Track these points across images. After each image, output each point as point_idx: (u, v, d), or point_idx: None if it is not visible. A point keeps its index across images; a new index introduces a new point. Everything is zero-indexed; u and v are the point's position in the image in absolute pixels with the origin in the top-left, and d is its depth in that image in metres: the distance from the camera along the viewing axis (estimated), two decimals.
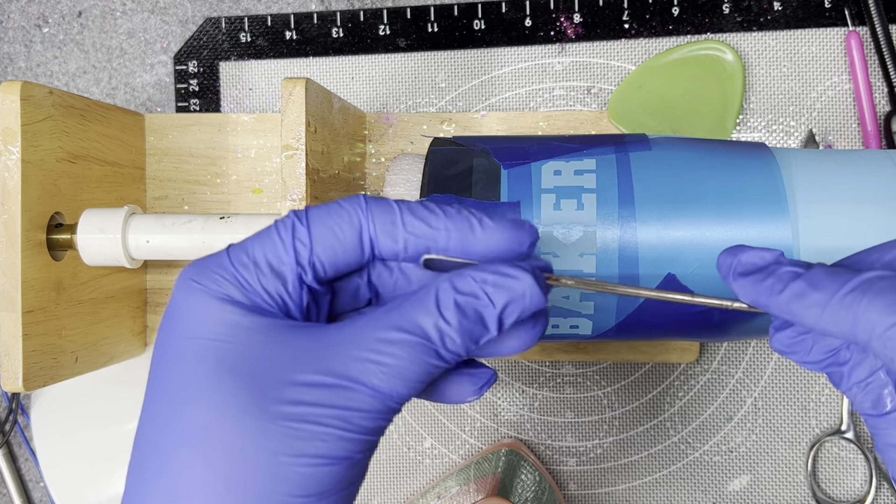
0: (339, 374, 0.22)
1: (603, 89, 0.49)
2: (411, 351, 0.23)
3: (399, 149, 0.49)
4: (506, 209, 0.35)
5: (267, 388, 0.22)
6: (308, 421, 0.22)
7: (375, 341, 0.23)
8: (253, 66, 0.52)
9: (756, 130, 0.48)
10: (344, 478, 0.23)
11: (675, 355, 0.48)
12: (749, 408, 0.48)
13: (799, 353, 0.25)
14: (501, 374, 0.50)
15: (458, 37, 0.50)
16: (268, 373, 0.22)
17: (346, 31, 0.51)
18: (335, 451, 0.22)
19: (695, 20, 0.49)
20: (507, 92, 0.50)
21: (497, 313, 0.24)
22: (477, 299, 0.24)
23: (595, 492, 0.49)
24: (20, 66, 0.54)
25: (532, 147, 0.36)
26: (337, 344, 0.23)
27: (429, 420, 0.50)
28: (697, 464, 0.49)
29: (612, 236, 0.34)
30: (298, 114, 0.37)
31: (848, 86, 0.48)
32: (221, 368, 0.23)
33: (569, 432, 0.49)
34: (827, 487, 0.48)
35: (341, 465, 0.23)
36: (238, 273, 0.24)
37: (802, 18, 0.48)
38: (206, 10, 0.53)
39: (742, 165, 0.35)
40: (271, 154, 0.50)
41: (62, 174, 0.42)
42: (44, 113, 0.40)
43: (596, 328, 0.36)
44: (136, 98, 0.53)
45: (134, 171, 0.49)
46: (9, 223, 0.38)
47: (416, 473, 0.50)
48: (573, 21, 0.50)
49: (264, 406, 0.22)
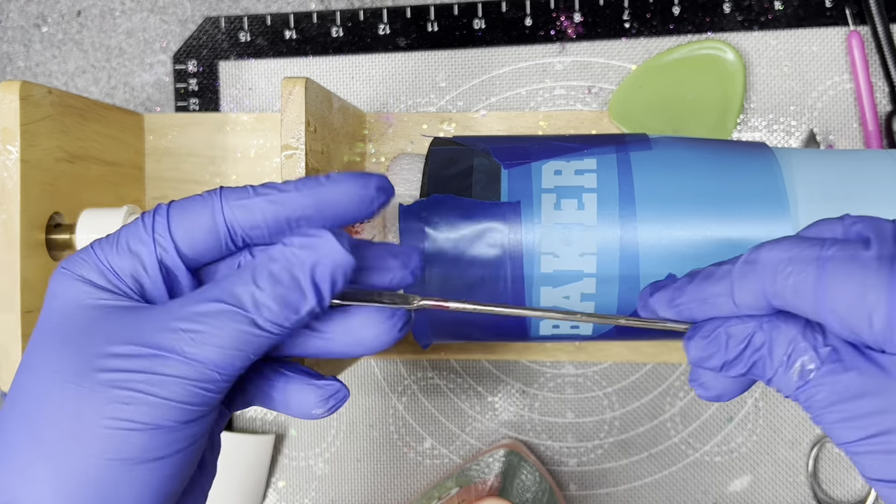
0: (152, 343, 0.24)
1: (603, 89, 0.49)
2: (224, 318, 0.24)
3: (399, 148, 0.49)
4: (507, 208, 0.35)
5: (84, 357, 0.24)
6: (115, 386, 0.23)
7: (191, 313, 0.24)
8: (252, 66, 0.52)
9: (757, 130, 0.48)
10: (159, 446, 0.24)
11: (675, 355, 0.48)
12: (750, 408, 0.48)
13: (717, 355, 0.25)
14: (502, 375, 0.50)
15: (458, 36, 0.50)
16: (89, 346, 0.24)
17: (346, 31, 0.51)
18: (141, 416, 0.23)
19: (696, 19, 0.49)
20: (507, 91, 0.50)
21: (308, 274, 0.24)
22: (288, 264, 0.25)
23: (595, 492, 0.49)
24: (19, 66, 0.54)
25: (532, 147, 0.36)
26: (158, 318, 0.24)
27: (429, 420, 0.50)
28: (698, 464, 0.49)
29: (612, 236, 0.34)
30: (298, 113, 0.37)
31: (849, 85, 0.48)
32: (52, 340, 0.25)
33: (569, 433, 0.49)
34: (828, 488, 0.48)
35: (156, 431, 0.24)
36: (98, 257, 0.26)
37: (803, 18, 0.48)
38: (205, 10, 0.52)
39: (743, 165, 0.35)
40: (271, 154, 0.50)
41: (61, 174, 0.42)
42: (43, 112, 0.40)
43: (596, 328, 0.36)
44: (136, 98, 0.53)
45: (133, 170, 0.49)
46: (8, 223, 0.38)
47: (416, 474, 0.50)
48: (573, 20, 0.49)
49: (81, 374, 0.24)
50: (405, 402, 0.50)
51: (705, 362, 0.26)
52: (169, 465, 0.24)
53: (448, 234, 0.34)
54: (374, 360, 0.51)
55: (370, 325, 0.27)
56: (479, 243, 0.34)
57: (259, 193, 0.26)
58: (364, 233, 0.38)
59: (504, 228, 0.34)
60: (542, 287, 0.34)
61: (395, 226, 0.35)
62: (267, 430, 0.51)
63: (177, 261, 0.26)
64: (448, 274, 0.34)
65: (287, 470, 0.51)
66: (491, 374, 0.50)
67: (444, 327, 0.37)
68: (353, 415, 0.51)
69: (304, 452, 0.51)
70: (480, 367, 0.50)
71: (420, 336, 0.37)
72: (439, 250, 0.34)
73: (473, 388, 0.50)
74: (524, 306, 0.30)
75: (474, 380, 0.50)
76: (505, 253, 0.34)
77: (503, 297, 0.35)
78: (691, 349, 0.26)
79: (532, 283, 0.34)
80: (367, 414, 0.51)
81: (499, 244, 0.34)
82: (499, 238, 0.34)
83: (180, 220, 0.26)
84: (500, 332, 0.37)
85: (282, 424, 0.51)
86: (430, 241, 0.34)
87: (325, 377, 0.28)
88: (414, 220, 0.34)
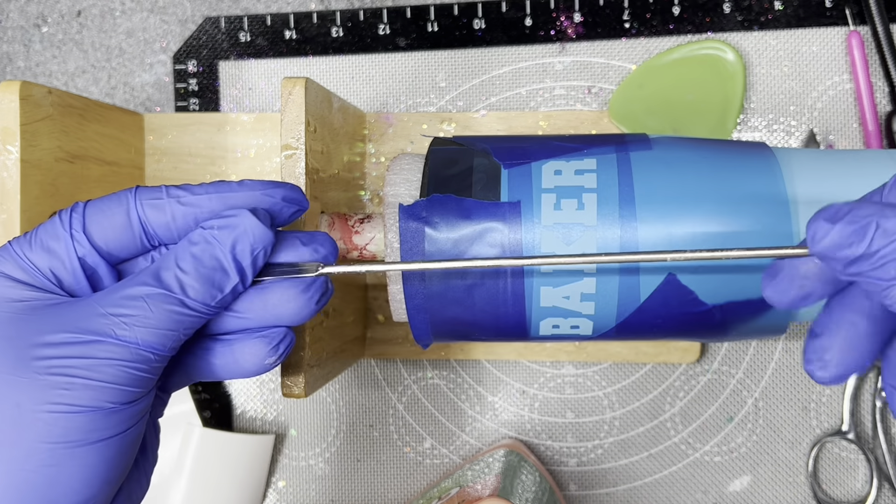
0: (85, 329, 0.25)
1: (603, 89, 0.49)
2: (153, 301, 0.25)
3: (399, 148, 0.49)
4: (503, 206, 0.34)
5: (18, 348, 0.25)
6: (53, 373, 0.24)
7: (121, 298, 0.25)
8: (252, 66, 0.52)
9: (757, 130, 0.48)
10: (100, 427, 0.25)
11: (675, 356, 0.48)
12: (750, 408, 0.48)
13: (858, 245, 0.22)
14: (502, 375, 0.50)
15: (458, 36, 0.50)
16: (21, 336, 0.25)
17: (346, 31, 0.51)
18: (81, 400, 0.24)
19: (696, 19, 0.49)
20: (507, 91, 0.50)
21: (229, 253, 0.26)
22: (208, 244, 0.26)
23: (595, 492, 0.49)
24: (19, 66, 0.54)
25: (532, 147, 0.36)
26: (88, 306, 0.25)
27: (429, 420, 0.50)
28: (698, 464, 0.49)
29: (612, 236, 0.34)
30: (298, 113, 0.37)
31: (849, 85, 0.48)
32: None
33: (569, 433, 0.49)
34: (828, 488, 0.48)
35: (96, 413, 0.25)
36: (16, 251, 0.27)
37: (803, 18, 0.48)
38: (205, 10, 0.52)
39: (743, 165, 0.35)
40: (271, 154, 0.50)
41: (61, 174, 0.42)
42: (42, 112, 0.40)
43: (596, 328, 0.36)
44: (136, 98, 0.53)
45: (133, 170, 0.49)
46: (7, 223, 0.38)
47: (416, 474, 0.50)
48: (573, 20, 0.49)
49: (17, 366, 0.24)
50: (405, 402, 0.50)
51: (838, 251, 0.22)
52: (111, 447, 0.25)
53: (448, 233, 0.34)
54: (374, 360, 0.51)
55: (288, 299, 0.28)
56: (478, 243, 0.34)
57: (171, 195, 0.27)
58: (364, 232, 0.38)
59: (504, 228, 0.34)
60: (542, 287, 0.34)
61: (395, 226, 0.35)
62: (267, 430, 0.51)
63: (95, 256, 0.27)
64: (448, 274, 0.34)
65: (287, 470, 0.51)
66: (491, 374, 0.50)
67: (444, 327, 0.37)
68: (353, 415, 0.51)
69: (304, 452, 0.51)
70: (480, 367, 0.50)
71: (420, 336, 0.37)
72: (439, 250, 0.34)
73: (473, 388, 0.50)
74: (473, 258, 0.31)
75: (474, 380, 0.50)
76: (505, 253, 0.34)
77: (503, 296, 0.35)
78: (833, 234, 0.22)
79: (532, 282, 0.34)
80: (367, 414, 0.51)
81: (499, 244, 0.34)
82: (499, 238, 0.34)
83: (96, 217, 0.27)
84: (501, 332, 0.37)
85: (282, 424, 0.51)
86: (429, 241, 0.34)
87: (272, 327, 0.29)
88: (414, 219, 0.34)
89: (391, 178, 0.37)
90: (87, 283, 0.27)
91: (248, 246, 0.26)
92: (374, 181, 0.49)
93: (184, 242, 0.26)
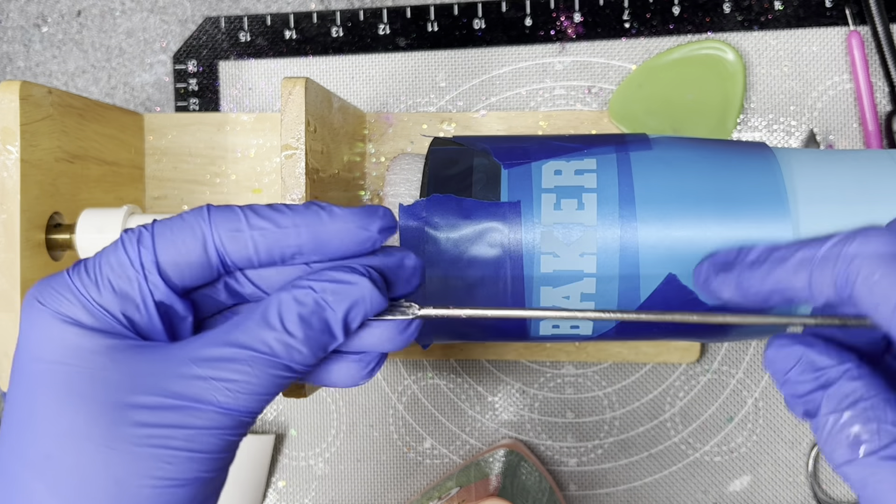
0: (182, 394, 0.23)
1: (603, 89, 0.49)
2: (257, 367, 0.23)
3: (399, 148, 0.49)
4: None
5: (109, 413, 0.22)
6: (153, 445, 0.22)
7: (221, 359, 0.23)
8: (252, 66, 0.52)
9: (757, 130, 0.48)
10: (196, 496, 0.23)
11: (675, 356, 0.48)
12: (750, 408, 0.48)
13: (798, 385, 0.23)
14: (502, 375, 0.50)
15: (458, 36, 0.50)
16: (110, 397, 0.23)
17: (346, 31, 0.51)
18: (184, 473, 0.23)
19: (696, 19, 0.49)
20: (507, 91, 0.50)
21: (341, 320, 0.24)
22: (319, 308, 0.24)
23: (595, 492, 0.49)
24: (19, 66, 0.54)
25: (532, 147, 0.36)
26: (179, 363, 0.23)
27: (429, 420, 0.50)
28: (698, 464, 0.49)
29: (612, 236, 0.34)
30: (298, 113, 0.37)
31: (849, 85, 0.48)
32: (63, 394, 0.23)
33: (569, 433, 0.49)
34: (828, 488, 0.48)
35: (192, 485, 0.23)
36: (81, 293, 0.24)
37: (803, 18, 0.48)
38: (205, 10, 0.52)
39: (743, 165, 0.35)
40: (271, 154, 0.50)
41: (61, 174, 0.42)
42: (42, 112, 0.40)
43: (597, 328, 0.36)
44: (135, 97, 0.53)
45: (133, 170, 0.49)
46: (7, 223, 0.38)
47: (416, 474, 0.50)
48: (573, 20, 0.49)
49: (107, 431, 0.22)
50: (405, 402, 0.50)
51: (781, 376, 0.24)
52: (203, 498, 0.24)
53: (448, 234, 0.34)
54: None
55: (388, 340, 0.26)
56: (479, 243, 0.34)
57: (254, 227, 0.24)
58: None
59: (504, 228, 0.34)
60: (542, 287, 0.34)
61: None
62: (267, 430, 0.51)
63: (170, 294, 0.25)
64: (448, 274, 0.34)
65: (287, 470, 0.51)
66: (491, 374, 0.50)
67: (444, 327, 0.37)
68: (353, 415, 0.51)
69: (304, 452, 0.51)
70: (480, 367, 0.50)
71: (420, 336, 0.37)
72: (439, 250, 0.34)
73: (473, 388, 0.50)
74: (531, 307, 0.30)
75: (474, 380, 0.50)
76: (505, 253, 0.34)
77: (503, 297, 0.35)
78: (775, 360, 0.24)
79: (532, 283, 0.34)
80: (367, 414, 0.51)
81: (499, 244, 0.34)
82: (499, 238, 0.34)
83: (169, 251, 0.24)
84: (500, 332, 0.37)
85: (282, 424, 0.51)
86: (430, 241, 0.34)
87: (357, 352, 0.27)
88: (414, 220, 0.34)
89: (391, 178, 0.37)
90: (161, 324, 0.25)
91: (363, 313, 0.24)
92: (374, 181, 0.49)
93: (289, 300, 0.24)
